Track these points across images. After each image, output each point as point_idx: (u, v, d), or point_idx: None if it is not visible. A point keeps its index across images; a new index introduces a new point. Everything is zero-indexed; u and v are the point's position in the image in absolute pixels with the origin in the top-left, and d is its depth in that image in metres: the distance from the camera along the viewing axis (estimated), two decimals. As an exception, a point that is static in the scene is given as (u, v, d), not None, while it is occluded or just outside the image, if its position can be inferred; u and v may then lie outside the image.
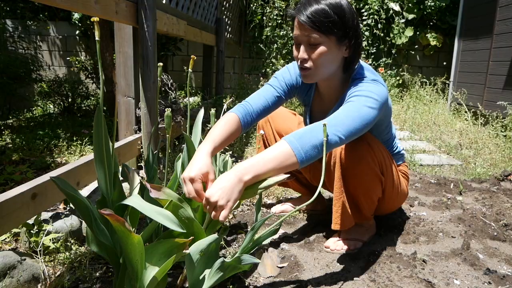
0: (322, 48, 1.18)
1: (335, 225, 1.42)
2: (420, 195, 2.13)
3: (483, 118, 3.78)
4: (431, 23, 5.91)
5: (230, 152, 2.68)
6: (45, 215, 1.48)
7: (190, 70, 1.29)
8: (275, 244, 1.53)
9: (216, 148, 1.18)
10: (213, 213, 0.97)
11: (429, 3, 5.74)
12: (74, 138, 3.04)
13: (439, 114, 4.39)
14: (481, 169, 2.60)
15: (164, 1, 2.54)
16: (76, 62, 5.12)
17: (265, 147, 1.72)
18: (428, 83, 5.47)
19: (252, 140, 3.13)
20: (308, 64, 1.21)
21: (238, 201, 1.02)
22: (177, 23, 2.64)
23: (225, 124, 1.25)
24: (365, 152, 1.31)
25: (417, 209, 1.90)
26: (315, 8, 1.14)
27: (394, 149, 1.53)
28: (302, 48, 1.21)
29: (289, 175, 1.02)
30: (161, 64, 1.29)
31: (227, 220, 1.69)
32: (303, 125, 1.63)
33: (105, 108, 3.91)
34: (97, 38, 0.89)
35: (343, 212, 1.40)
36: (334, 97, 1.38)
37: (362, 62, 1.33)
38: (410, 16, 5.80)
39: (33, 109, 4.80)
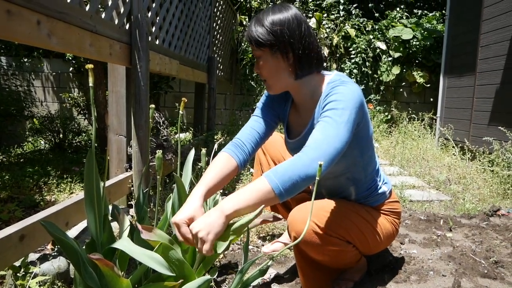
0: (262, 61, 1.27)
1: None
2: (411, 232, 2.14)
3: (470, 153, 3.85)
4: (416, 61, 6.12)
5: (221, 191, 2.67)
6: (33, 256, 1.46)
7: (181, 112, 1.32)
8: (266, 285, 1.51)
9: (210, 190, 1.17)
10: (199, 246, 1.00)
11: (414, 42, 5.96)
12: (64, 176, 3.02)
13: (428, 149, 4.46)
14: (470, 204, 2.63)
15: (157, 42, 2.61)
16: (69, 98, 5.16)
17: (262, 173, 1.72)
18: (416, 119, 5.58)
19: (243, 177, 3.14)
20: (263, 77, 1.30)
21: (228, 242, 1.02)
22: (169, 63, 2.70)
23: (218, 165, 1.25)
24: (318, 241, 1.26)
25: (407, 247, 1.91)
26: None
27: (378, 189, 1.44)
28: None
29: (263, 205, 1.04)
30: (153, 106, 1.32)
31: (217, 260, 1.67)
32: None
33: (96, 144, 3.91)
34: (90, 84, 0.92)
35: (311, 284, 1.38)
36: (308, 107, 1.35)
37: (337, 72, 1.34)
38: (396, 55, 6.01)
39: (24, 144, 4.78)
